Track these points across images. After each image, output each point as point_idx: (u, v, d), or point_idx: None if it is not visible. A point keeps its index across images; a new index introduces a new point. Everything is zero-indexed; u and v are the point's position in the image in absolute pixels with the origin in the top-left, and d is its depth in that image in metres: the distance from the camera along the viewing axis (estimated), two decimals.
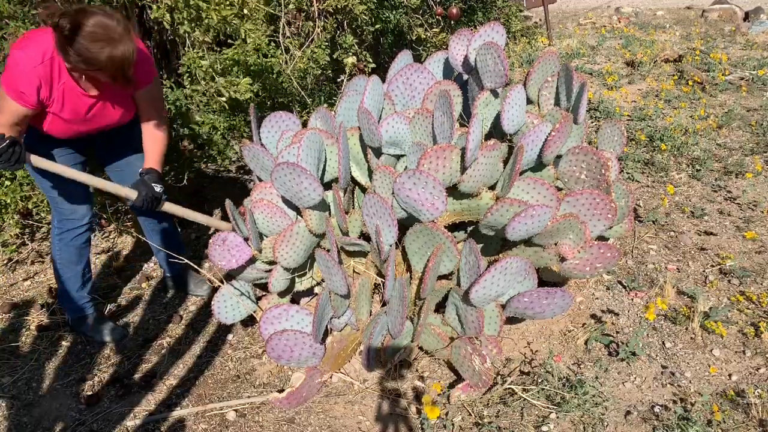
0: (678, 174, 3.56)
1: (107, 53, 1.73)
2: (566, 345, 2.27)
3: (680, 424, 1.83)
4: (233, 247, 2.07)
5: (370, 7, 3.26)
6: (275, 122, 2.26)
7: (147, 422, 2.03)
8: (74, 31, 1.69)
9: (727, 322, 2.30)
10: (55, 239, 2.28)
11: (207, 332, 2.49)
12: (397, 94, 2.26)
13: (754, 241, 2.82)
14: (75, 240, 2.28)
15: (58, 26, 1.70)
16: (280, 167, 1.93)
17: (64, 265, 2.31)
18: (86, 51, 1.72)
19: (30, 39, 1.83)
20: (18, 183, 2.68)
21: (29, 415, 2.08)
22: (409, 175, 1.85)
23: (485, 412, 1.96)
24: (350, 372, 2.19)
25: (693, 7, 9.27)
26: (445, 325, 2.12)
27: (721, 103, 4.65)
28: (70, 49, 1.72)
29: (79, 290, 2.37)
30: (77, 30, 1.69)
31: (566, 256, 2.01)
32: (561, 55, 6.07)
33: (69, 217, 2.23)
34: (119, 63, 1.76)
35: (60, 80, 1.87)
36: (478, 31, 2.15)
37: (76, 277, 2.34)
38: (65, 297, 2.39)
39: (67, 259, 2.30)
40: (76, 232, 2.27)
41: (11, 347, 2.41)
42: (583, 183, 2.09)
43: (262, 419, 2.02)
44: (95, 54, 1.72)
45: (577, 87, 2.11)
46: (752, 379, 2.05)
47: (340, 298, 1.99)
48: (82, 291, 2.38)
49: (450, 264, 2.02)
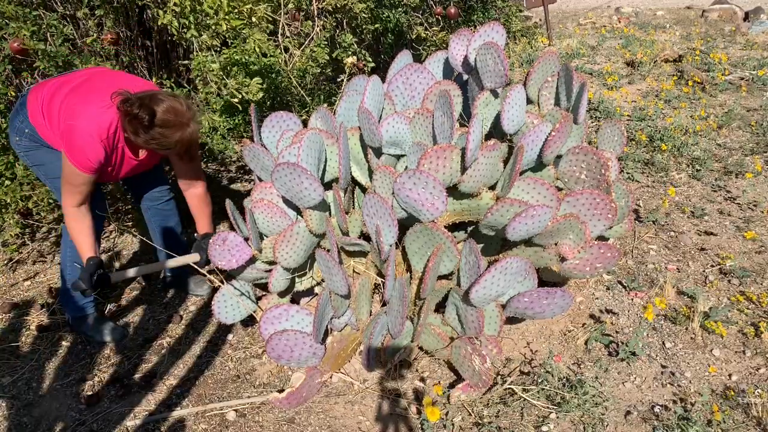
0: (678, 174, 3.56)
1: (178, 137, 1.98)
2: (566, 345, 2.27)
3: (680, 424, 1.83)
4: (233, 247, 2.07)
5: (369, 6, 3.26)
6: (276, 122, 2.26)
7: (147, 422, 2.03)
8: (151, 120, 1.91)
9: (727, 322, 2.30)
10: (67, 237, 2.30)
11: (207, 332, 2.49)
12: (397, 94, 2.26)
13: (754, 241, 2.82)
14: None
15: (137, 117, 1.91)
16: (280, 167, 1.93)
17: (75, 261, 2.33)
18: (160, 136, 1.95)
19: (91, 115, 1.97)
20: (18, 183, 2.68)
21: (29, 415, 2.08)
22: (410, 175, 1.85)
23: (485, 412, 1.96)
24: (350, 372, 2.19)
25: (693, 7, 9.27)
26: (445, 325, 2.12)
27: (721, 103, 4.65)
28: (145, 134, 1.94)
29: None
30: (153, 118, 1.91)
31: (566, 256, 2.01)
32: (561, 55, 6.07)
33: None
34: (187, 143, 2.03)
35: (118, 149, 2.08)
36: (478, 31, 2.15)
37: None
38: (68, 296, 2.38)
39: (78, 256, 2.29)
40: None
41: (11, 347, 2.41)
42: (583, 183, 2.09)
43: (262, 419, 2.02)
44: (168, 138, 1.96)
45: (577, 87, 2.11)
46: (752, 379, 2.05)
47: (340, 298, 1.99)
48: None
49: (450, 264, 2.02)
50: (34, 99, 2.09)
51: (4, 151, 2.63)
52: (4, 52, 2.55)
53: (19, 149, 2.17)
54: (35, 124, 2.09)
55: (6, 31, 2.46)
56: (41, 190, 2.73)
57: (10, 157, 2.63)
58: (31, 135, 2.11)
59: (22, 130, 2.12)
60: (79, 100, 2.01)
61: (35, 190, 2.76)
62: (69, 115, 1.98)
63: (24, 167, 2.66)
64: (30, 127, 2.10)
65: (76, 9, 2.89)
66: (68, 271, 2.34)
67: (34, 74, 2.71)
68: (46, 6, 2.82)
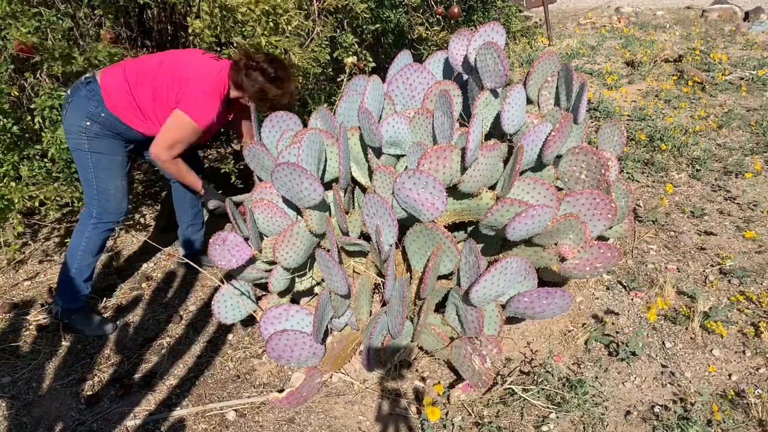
0: (678, 174, 3.56)
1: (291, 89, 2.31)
2: (566, 345, 2.27)
3: (680, 423, 1.83)
4: (233, 246, 2.07)
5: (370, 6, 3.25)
6: (276, 122, 2.26)
7: (147, 422, 2.03)
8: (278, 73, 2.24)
9: (727, 322, 2.30)
10: (88, 228, 2.36)
11: (207, 332, 2.49)
12: (397, 94, 2.26)
13: (754, 241, 2.82)
14: (106, 232, 2.41)
15: (265, 71, 2.22)
16: (280, 167, 1.93)
17: (87, 253, 2.39)
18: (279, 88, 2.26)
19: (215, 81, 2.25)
20: (24, 183, 2.68)
21: (29, 415, 2.08)
22: (409, 175, 1.85)
23: (485, 412, 1.96)
24: (350, 372, 2.19)
25: (693, 7, 9.28)
26: (445, 325, 2.12)
27: (721, 103, 4.65)
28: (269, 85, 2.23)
29: (86, 281, 2.43)
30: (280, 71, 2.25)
31: (566, 256, 2.01)
32: (561, 55, 6.07)
33: (112, 211, 2.37)
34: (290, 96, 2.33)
35: (222, 108, 2.32)
36: (478, 31, 2.15)
37: (89, 267, 2.41)
38: (69, 286, 2.41)
39: (92, 248, 2.39)
40: (111, 226, 2.41)
41: (11, 347, 2.41)
42: (583, 183, 2.09)
43: (262, 419, 2.02)
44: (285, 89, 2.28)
45: (577, 87, 2.11)
46: (752, 379, 2.05)
47: (340, 298, 1.99)
48: (88, 282, 2.44)
49: (450, 264, 2.02)
50: (112, 84, 2.22)
51: (9, 150, 2.62)
52: (5, 53, 2.55)
53: (81, 136, 2.25)
54: (115, 108, 2.22)
55: (7, 30, 2.45)
56: (48, 189, 2.72)
57: (15, 156, 2.62)
58: (107, 120, 2.23)
59: (97, 115, 2.22)
60: (189, 69, 2.24)
61: (41, 190, 2.75)
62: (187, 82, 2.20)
63: (29, 168, 2.64)
64: (107, 112, 2.22)
65: (76, 9, 2.89)
66: (77, 260, 2.38)
67: (36, 74, 2.71)
68: (47, 4, 2.81)
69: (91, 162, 2.28)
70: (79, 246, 2.37)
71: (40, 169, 2.64)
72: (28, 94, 2.85)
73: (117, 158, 2.33)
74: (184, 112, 2.20)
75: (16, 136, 2.58)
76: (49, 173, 2.68)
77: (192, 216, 2.79)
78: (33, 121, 2.60)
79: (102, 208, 2.35)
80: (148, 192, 3.68)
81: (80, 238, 2.37)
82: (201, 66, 2.27)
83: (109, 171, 2.31)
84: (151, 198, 3.62)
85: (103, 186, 2.32)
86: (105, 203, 2.34)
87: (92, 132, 2.24)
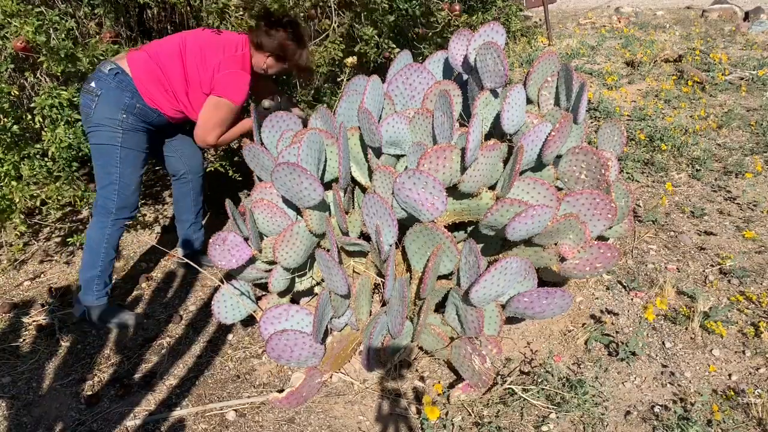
0: (678, 174, 3.56)
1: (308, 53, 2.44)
2: (566, 345, 2.27)
3: (680, 424, 1.83)
4: (233, 246, 2.07)
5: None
6: (276, 122, 2.26)
7: (147, 422, 2.03)
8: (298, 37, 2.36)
9: (727, 322, 2.30)
10: (107, 223, 2.38)
11: (207, 332, 2.49)
12: (397, 94, 2.26)
13: (754, 241, 2.82)
14: (123, 228, 2.46)
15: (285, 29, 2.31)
16: (280, 167, 1.93)
17: (110, 247, 2.43)
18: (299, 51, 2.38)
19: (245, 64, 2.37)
20: (25, 182, 2.68)
21: (29, 415, 2.08)
22: (409, 175, 1.85)
23: (485, 412, 1.96)
24: (350, 372, 2.19)
25: (693, 7, 9.28)
26: (445, 325, 2.12)
27: (721, 103, 4.65)
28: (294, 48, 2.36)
29: (111, 275, 2.48)
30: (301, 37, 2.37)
31: (566, 256, 2.01)
32: (561, 55, 6.07)
33: (129, 206, 2.42)
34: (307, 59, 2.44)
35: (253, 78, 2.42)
36: (478, 31, 2.15)
37: (111, 261, 2.45)
38: (96, 281, 2.43)
39: (113, 243, 2.43)
40: (128, 220, 2.46)
41: (11, 347, 2.41)
42: (583, 183, 2.09)
43: (262, 419, 2.02)
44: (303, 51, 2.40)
45: (576, 87, 2.11)
46: (752, 379, 2.05)
47: (340, 298, 1.99)
48: (111, 276, 2.49)
49: (450, 264, 2.02)
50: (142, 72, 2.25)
51: (9, 150, 2.62)
52: (6, 52, 2.55)
53: (115, 130, 2.26)
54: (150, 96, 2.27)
55: (8, 30, 2.45)
56: (50, 188, 2.71)
57: (15, 156, 2.62)
58: (142, 110, 2.28)
59: (132, 106, 2.26)
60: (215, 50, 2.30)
61: (42, 189, 2.75)
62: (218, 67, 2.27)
63: (29, 167, 2.64)
64: (142, 102, 2.26)
65: (76, 9, 2.89)
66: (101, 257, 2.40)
67: (36, 73, 2.71)
68: (47, 4, 2.81)
69: (119, 156, 2.30)
70: (102, 242, 2.39)
71: (40, 168, 2.63)
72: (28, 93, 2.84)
73: (142, 154, 2.38)
74: (219, 96, 2.29)
75: (16, 136, 2.58)
76: (50, 172, 2.68)
77: (194, 215, 2.80)
78: (33, 120, 2.59)
79: (121, 203, 2.38)
80: (149, 192, 3.68)
81: (102, 235, 2.39)
82: (225, 43, 2.34)
83: (134, 167, 2.36)
84: (151, 198, 3.62)
85: (125, 181, 2.35)
86: (124, 198, 2.38)
87: (128, 124, 2.26)
